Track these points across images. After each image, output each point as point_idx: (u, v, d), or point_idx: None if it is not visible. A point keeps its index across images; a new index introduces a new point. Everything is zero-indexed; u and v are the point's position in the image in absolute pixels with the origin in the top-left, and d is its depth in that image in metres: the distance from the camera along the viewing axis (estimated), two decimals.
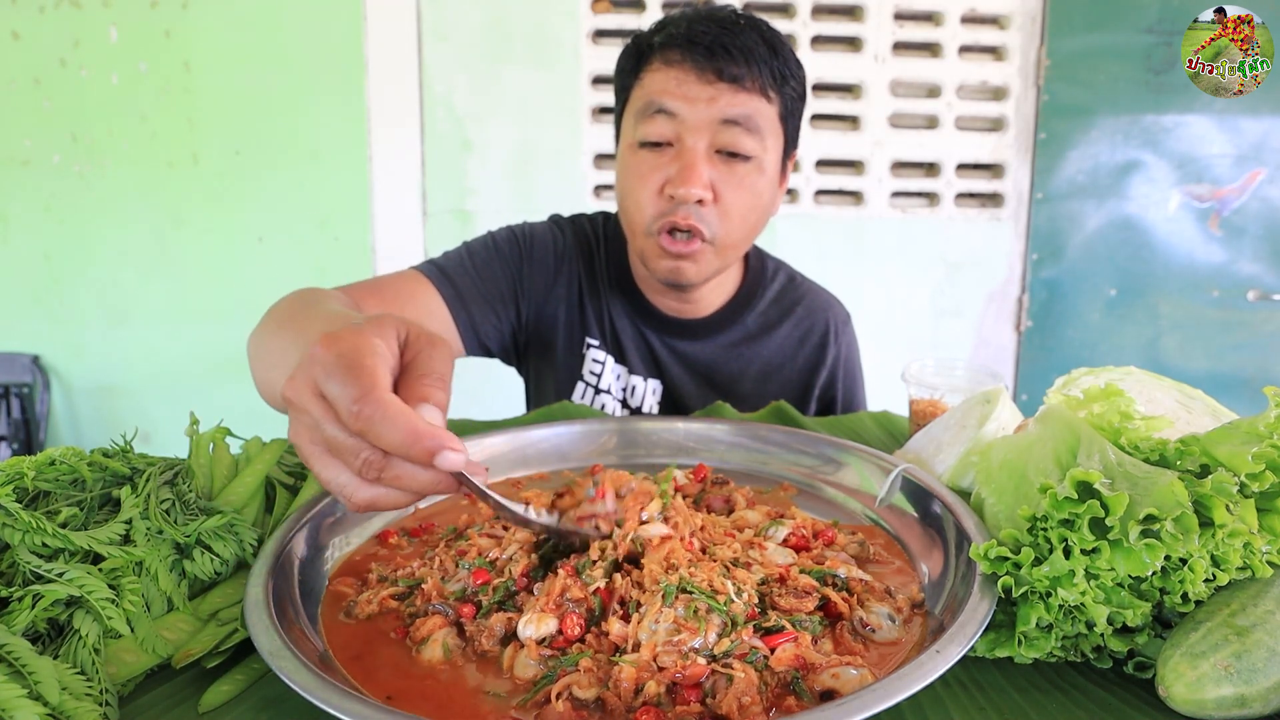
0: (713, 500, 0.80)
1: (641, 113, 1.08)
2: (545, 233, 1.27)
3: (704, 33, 1.05)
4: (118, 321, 2.66)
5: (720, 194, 1.07)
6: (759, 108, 1.07)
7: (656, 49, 1.09)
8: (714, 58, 1.04)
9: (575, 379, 1.27)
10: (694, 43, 1.05)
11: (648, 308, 1.26)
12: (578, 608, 0.57)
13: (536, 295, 1.25)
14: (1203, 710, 0.50)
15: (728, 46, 1.04)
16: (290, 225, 2.62)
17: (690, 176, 1.05)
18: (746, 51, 1.04)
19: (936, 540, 0.70)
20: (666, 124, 1.06)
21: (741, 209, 1.10)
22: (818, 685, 0.51)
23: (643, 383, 1.27)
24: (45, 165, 2.54)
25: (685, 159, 1.06)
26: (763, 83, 1.06)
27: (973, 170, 2.77)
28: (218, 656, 0.57)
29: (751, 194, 1.10)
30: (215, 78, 2.52)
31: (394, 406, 0.48)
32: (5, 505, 0.58)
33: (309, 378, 0.51)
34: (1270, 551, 0.55)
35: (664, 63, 1.07)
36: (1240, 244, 2.74)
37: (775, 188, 1.16)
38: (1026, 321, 2.83)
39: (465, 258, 1.21)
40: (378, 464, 0.50)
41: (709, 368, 1.27)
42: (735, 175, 1.08)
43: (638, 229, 1.12)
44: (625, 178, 1.12)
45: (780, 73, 1.07)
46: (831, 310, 1.34)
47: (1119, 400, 0.69)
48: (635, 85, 1.11)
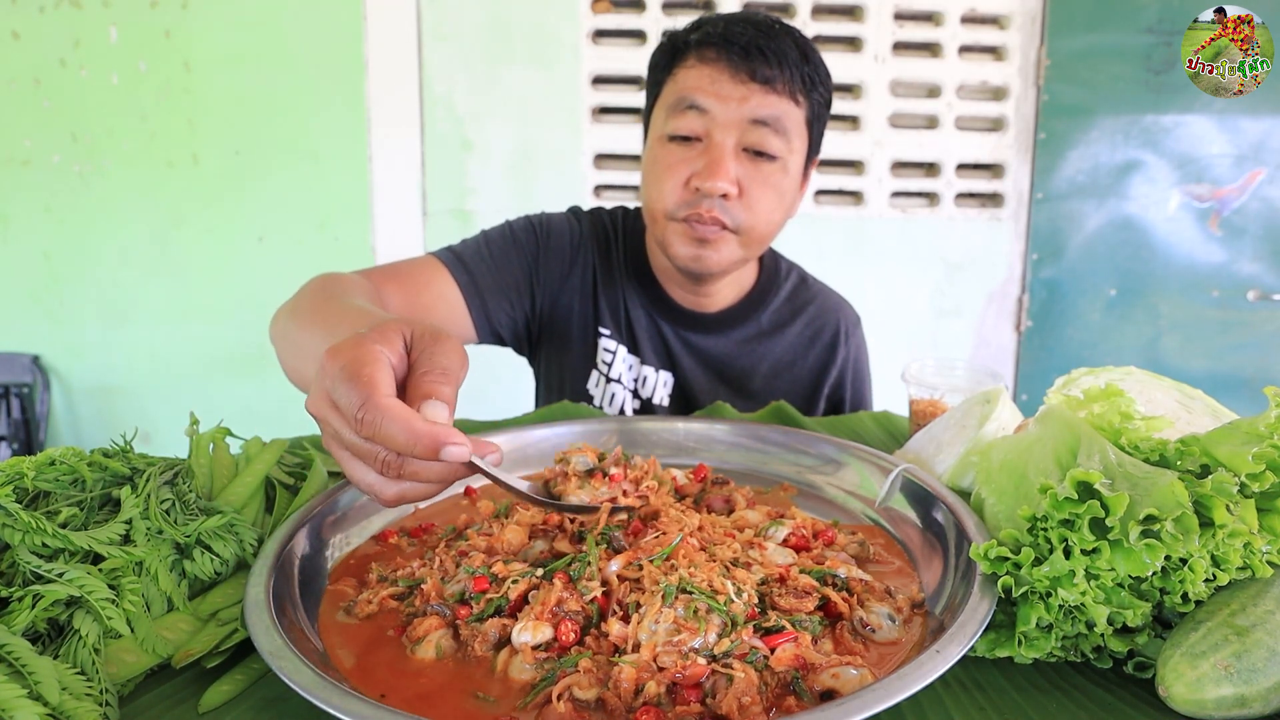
0: (713, 500, 0.80)
1: (674, 107, 1.11)
2: (562, 222, 1.30)
3: (740, 34, 1.07)
4: (118, 321, 2.66)
5: (745, 190, 1.10)
6: (788, 110, 1.09)
7: (692, 46, 1.11)
8: (749, 58, 1.06)
9: (590, 367, 1.28)
10: (730, 42, 1.07)
11: (664, 299, 1.28)
12: (574, 616, 0.57)
13: (552, 284, 1.27)
14: (1203, 710, 0.50)
15: (763, 49, 1.06)
16: (290, 225, 2.63)
17: (718, 170, 1.07)
18: (780, 55, 1.07)
19: (936, 540, 0.70)
20: (697, 119, 1.09)
21: (766, 206, 1.12)
22: (818, 685, 0.51)
23: (654, 374, 1.28)
24: (45, 165, 2.54)
25: (714, 154, 1.08)
26: (793, 86, 1.08)
27: (973, 170, 2.77)
28: (218, 656, 0.57)
29: (775, 192, 1.12)
30: (215, 78, 2.52)
31: (393, 410, 0.51)
32: (5, 505, 0.58)
33: (322, 390, 0.55)
34: (1270, 551, 0.55)
35: (699, 60, 1.10)
36: (1240, 244, 2.74)
37: (797, 189, 1.18)
38: (1026, 321, 2.83)
39: (483, 246, 1.23)
40: (395, 463, 0.54)
41: (721, 362, 1.29)
42: (761, 173, 1.10)
43: (659, 215, 1.14)
44: (652, 168, 1.14)
45: (810, 78, 1.10)
46: (842, 312, 1.36)
47: (1119, 400, 0.69)
48: (668, 80, 1.14)
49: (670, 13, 2.57)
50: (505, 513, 0.75)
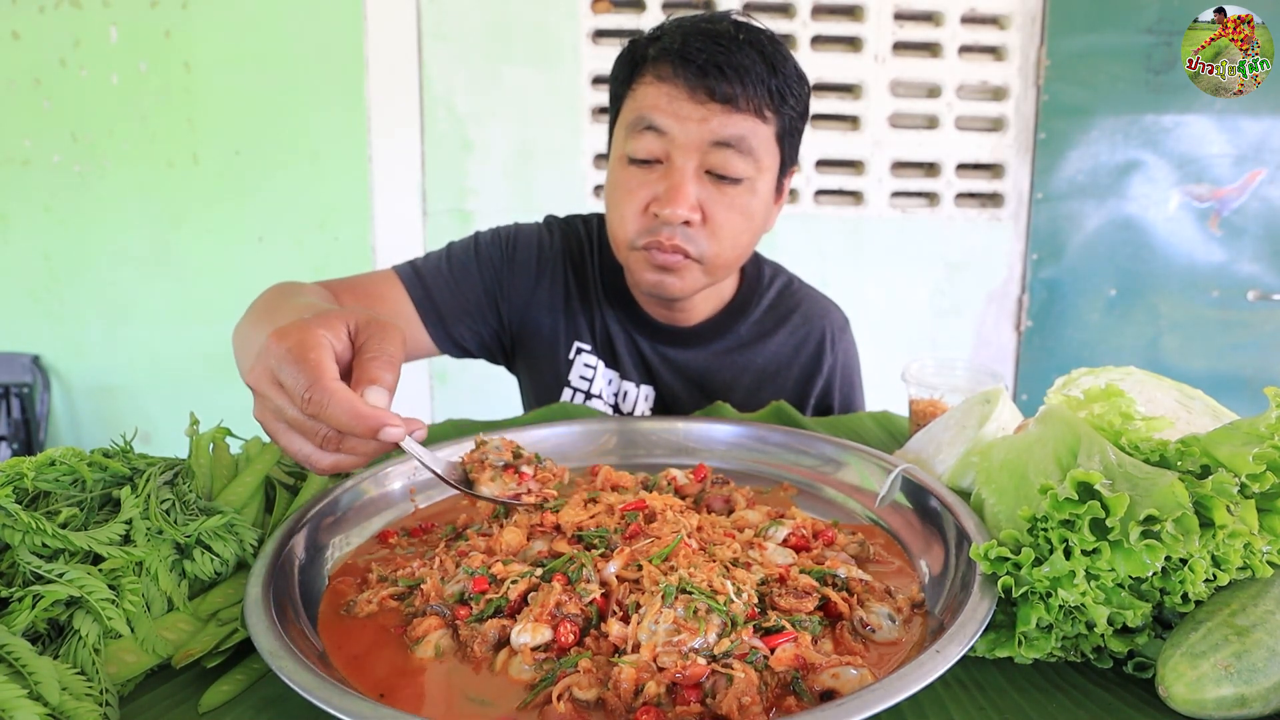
0: (713, 500, 0.80)
1: (632, 127, 1.04)
2: (531, 235, 1.26)
3: (699, 49, 1.00)
4: (118, 321, 2.66)
5: (709, 214, 1.04)
6: (753, 129, 1.02)
7: (649, 61, 1.04)
8: (706, 76, 0.99)
9: (562, 384, 1.25)
10: (687, 59, 1.00)
11: (639, 314, 1.24)
12: (573, 618, 0.57)
13: (518, 298, 1.24)
14: (1203, 710, 0.50)
15: (722, 65, 0.99)
16: (290, 225, 2.62)
17: (676, 197, 1.01)
18: (742, 70, 0.99)
19: (936, 540, 0.70)
20: (655, 141, 1.02)
21: (731, 231, 1.06)
22: (818, 685, 0.51)
23: (635, 389, 1.26)
24: (45, 165, 2.54)
25: (673, 179, 1.02)
26: (759, 102, 1.01)
27: (973, 170, 2.77)
28: (218, 656, 0.57)
29: (742, 216, 1.06)
30: (215, 78, 2.52)
31: (340, 394, 0.57)
32: (5, 506, 0.58)
33: (266, 368, 0.59)
34: (1270, 552, 0.55)
35: (656, 77, 1.03)
36: (1240, 244, 2.74)
37: (769, 206, 1.12)
38: (1026, 321, 2.83)
39: (443, 262, 1.21)
40: (334, 439, 0.60)
41: (701, 375, 1.26)
42: (725, 197, 1.04)
43: (622, 244, 1.10)
44: (613, 193, 1.09)
45: (779, 91, 1.02)
46: (828, 317, 1.31)
47: (1119, 400, 0.69)
48: (628, 96, 1.07)
49: (670, 12, 2.57)
50: (505, 513, 0.75)
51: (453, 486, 0.70)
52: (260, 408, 0.62)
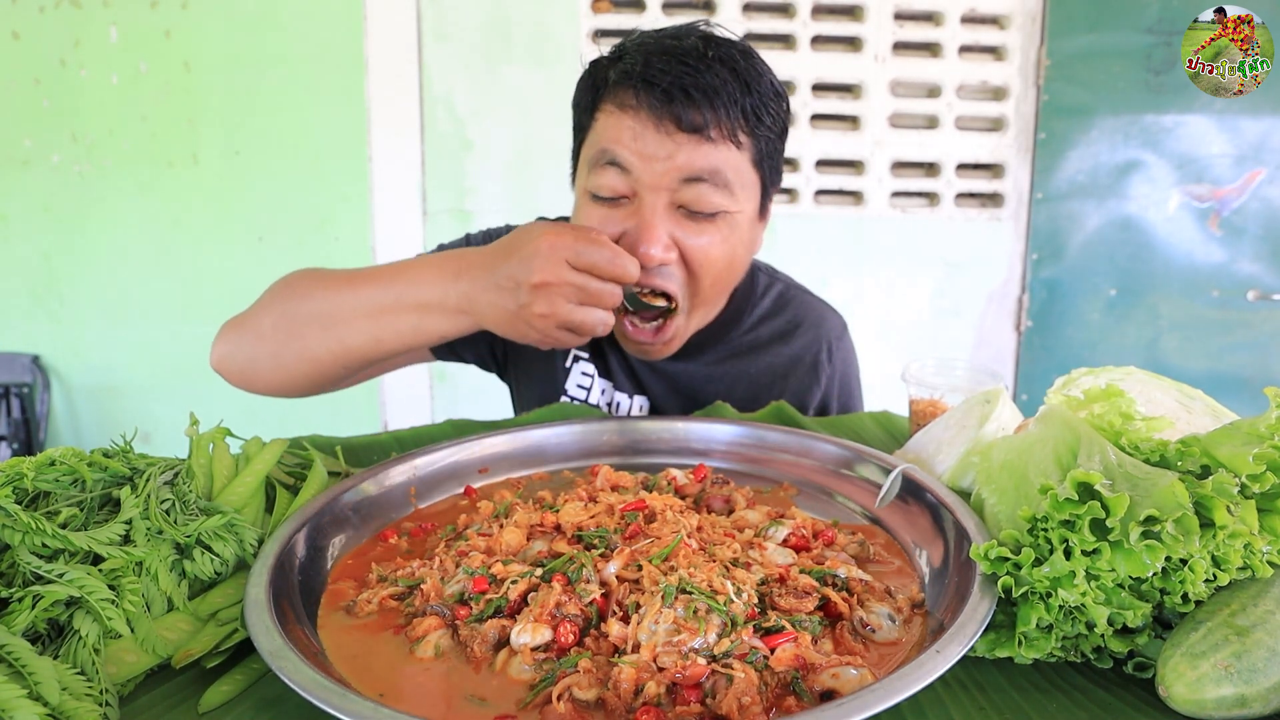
0: (713, 500, 0.80)
1: (594, 161, 0.95)
2: None
3: (662, 71, 0.90)
4: (118, 321, 2.66)
5: (686, 252, 0.95)
6: (726, 158, 0.93)
7: (610, 86, 0.95)
8: (672, 102, 0.89)
9: (559, 393, 1.20)
10: (651, 83, 0.90)
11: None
12: (573, 619, 0.57)
13: None
14: (1203, 710, 0.50)
15: (689, 88, 0.89)
16: (290, 225, 2.62)
17: (648, 238, 0.91)
18: (711, 93, 0.90)
19: (936, 540, 0.70)
20: (619, 179, 0.93)
21: (713, 269, 0.98)
22: (818, 685, 0.51)
23: (628, 399, 1.22)
24: (45, 165, 2.54)
25: (643, 216, 0.92)
26: (732, 128, 0.92)
27: (973, 170, 2.77)
28: (218, 656, 0.57)
29: (724, 249, 0.97)
30: (215, 78, 2.52)
31: (627, 255, 0.85)
32: (5, 506, 0.58)
33: (559, 259, 0.81)
34: (1270, 552, 0.55)
35: (617, 106, 0.93)
36: (1240, 244, 2.74)
37: (753, 229, 1.05)
38: (1026, 321, 2.83)
39: None
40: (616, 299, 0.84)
41: (691, 387, 1.20)
42: (704, 233, 0.95)
43: None
44: None
45: (755, 111, 0.93)
46: (825, 326, 1.25)
47: (1119, 401, 0.69)
48: (590, 125, 0.98)
49: (670, 12, 2.57)
50: (504, 513, 0.75)
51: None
52: (548, 302, 0.80)
